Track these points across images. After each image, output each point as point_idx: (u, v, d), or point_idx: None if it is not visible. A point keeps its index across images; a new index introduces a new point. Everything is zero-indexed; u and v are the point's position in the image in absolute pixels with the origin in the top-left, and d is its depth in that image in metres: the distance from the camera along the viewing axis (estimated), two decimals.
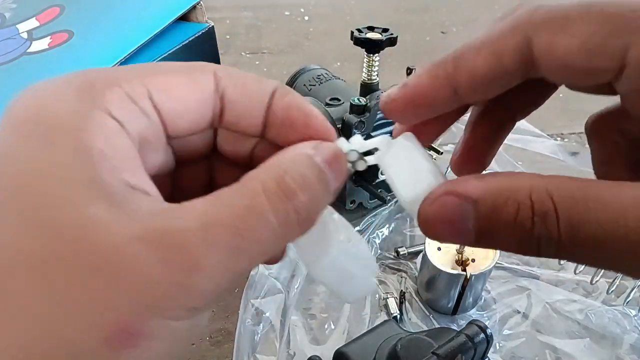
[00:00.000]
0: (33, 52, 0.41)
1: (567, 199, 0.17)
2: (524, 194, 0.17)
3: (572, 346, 0.43)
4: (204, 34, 0.47)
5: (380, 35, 0.50)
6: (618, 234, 0.16)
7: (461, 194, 0.18)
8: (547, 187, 0.17)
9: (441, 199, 0.18)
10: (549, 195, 0.17)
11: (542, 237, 0.17)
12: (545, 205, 0.17)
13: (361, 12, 0.96)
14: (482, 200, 0.17)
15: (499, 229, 0.17)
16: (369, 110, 0.48)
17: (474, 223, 0.18)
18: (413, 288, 0.48)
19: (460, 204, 0.18)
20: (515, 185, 0.17)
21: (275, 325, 0.44)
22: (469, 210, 0.18)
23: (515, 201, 0.17)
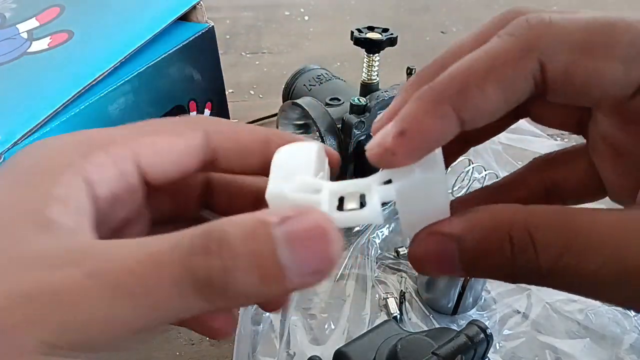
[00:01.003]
0: (33, 52, 0.41)
1: (545, 232, 0.17)
2: (504, 230, 0.17)
3: (572, 346, 0.43)
4: (204, 34, 0.47)
5: (380, 35, 0.50)
6: (600, 263, 0.16)
7: (444, 233, 0.18)
8: (526, 221, 0.17)
9: (426, 240, 0.19)
10: (527, 229, 0.17)
11: (524, 269, 0.17)
12: (524, 240, 0.17)
13: (361, 12, 0.96)
14: (464, 237, 0.18)
15: (484, 263, 0.18)
16: (369, 110, 0.48)
17: (459, 259, 0.18)
18: (413, 288, 0.48)
19: (444, 243, 0.18)
20: (496, 220, 0.18)
21: (275, 325, 0.44)
22: (454, 248, 0.18)
23: (496, 237, 0.17)
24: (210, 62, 0.50)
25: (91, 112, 0.39)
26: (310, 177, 0.20)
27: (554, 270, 0.17)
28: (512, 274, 0.18)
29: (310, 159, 0.21)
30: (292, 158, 0.21)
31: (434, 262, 0.19)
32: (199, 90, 0.49)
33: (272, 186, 0.19)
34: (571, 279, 0.17)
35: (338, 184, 0.20)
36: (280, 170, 0.20)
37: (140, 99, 0.43)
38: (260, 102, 0.71)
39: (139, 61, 0.42)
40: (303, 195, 0.19)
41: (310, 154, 0.21)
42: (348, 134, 0.49)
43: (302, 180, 0.19)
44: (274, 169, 0.20)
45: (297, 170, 0.20)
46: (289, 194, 0.19)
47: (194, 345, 0.44)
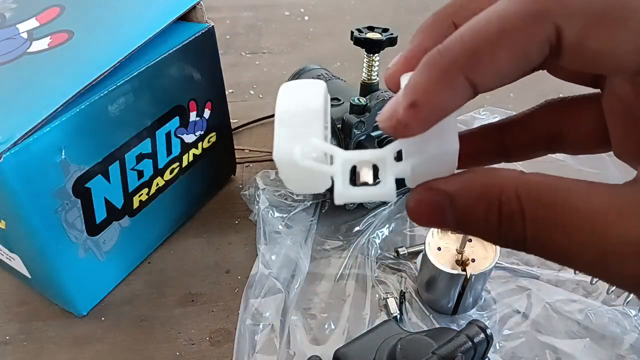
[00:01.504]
0: (33, 52, 0.41)
1: (535, 202, 0.17)
2: (494, 193, 0.18)
3: (572, 346, 0.43)
4: (204, 34, 0.47)
5: (381, 35, 0.50)
6: (583, 242, 0.16)
7: (438, 189, 0.19)
8: (517, 188, 0.17)
9: (422, 193, 0.19)
10: (517, 196, 0.17)
11: (509, 235, 0.18)
12: (512, 207, 0.17)
13: (361, 12, 0.96)
14: (457, 195, 0.18)
15: (473, 223, 0.18)
16: (369, 110, 0.48)
17: (452, 215, 0.19)
18: (413, 288, 0.48)
19: (437, 198, 0.19)
20: (488, 183, 0.18)
21: (275, 325, 0.44)
22: (446, 204, 0.19)
23: (485, 200, 0.18)
24: (210, 62, 0.50)
25: (91, 112, 0.39)
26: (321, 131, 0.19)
27: (539, 242, 0.17)
28: (497, 239, 0.18)
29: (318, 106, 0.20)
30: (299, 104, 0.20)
31: (427, 213, 0.19)
32: (199, 90, 0.49)
33: (280, 147, 0.19)
34: (554, 252, 0.17)
35: (352, 153, 0.19)
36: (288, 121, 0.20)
37: (140, 98, 0.43)
38: (260, 102, 0.71)
39: (139, 61, 0.42)
40: (316, 165, 0.19)
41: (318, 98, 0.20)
42: (348, 134, 0.48)
43: (314, 144, 0.19)
44: (280, 116, 0.20)
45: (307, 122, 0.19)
46: (300, 162, 0.19)
47: (194, 345, 0.44)
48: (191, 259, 0.51)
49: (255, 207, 0.54)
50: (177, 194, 0.51)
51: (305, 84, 0.21)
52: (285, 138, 0.19)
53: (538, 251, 0.18)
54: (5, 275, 0.49)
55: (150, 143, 0.45)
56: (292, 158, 0.19)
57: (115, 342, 0.44)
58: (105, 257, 0.45)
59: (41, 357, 0.43)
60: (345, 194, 0.19)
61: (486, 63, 0.17)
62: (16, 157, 0.34)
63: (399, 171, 0.19)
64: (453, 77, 0.17)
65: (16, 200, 0.36)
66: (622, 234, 0.16)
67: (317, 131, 0.19)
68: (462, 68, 0.17)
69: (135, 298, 0.48)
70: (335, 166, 0.19)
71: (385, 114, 0.18)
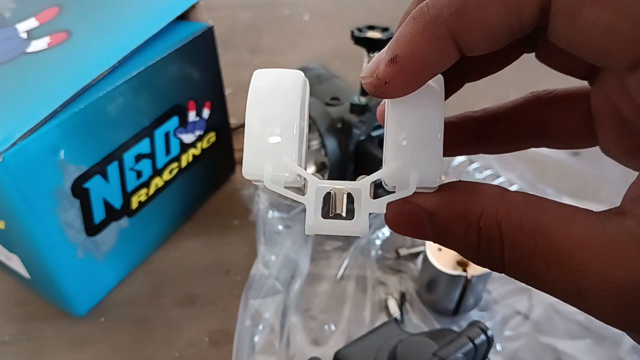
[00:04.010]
0: (32, 52, 0.41)
1: (514, 229, 0.16)
2: (474, 216, 0.17)
3: (573, 347, 0.43)
4: (203, 33, 0.47)
5: (381, 35, 0.50)
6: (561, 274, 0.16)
7: (418, 205, 0.18)
8: (497, 213, 0.17)
9: (402, 205, 0.19)
10: (497, 222, 0.17)
11: (487, 258, 0.17)
12: (491, 232, 0.17)
13: (361, 11, 0.96)
14: (436, 212, 0.18)
15: (451, 240, 0.18)
16: (369, 110, 0.48)
17: (430, 230, 0.18)
18: (414, 289, 0.47)
19: (417, 213, 0.18)
20: (469, 203, 0.17)
21: (275, 326, 0.44)
22: (426, 220, 0.18)
23: (465, 221, 0.17)
24: (209, 62, 0.49)
25: (90, 112, 0.39)
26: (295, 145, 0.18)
27: (517, 268, 0.17)
28: (475, 259, 0.18)
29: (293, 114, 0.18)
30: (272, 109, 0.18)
31: (405, 224, 0.19)
32: (198, 90, 0.49)
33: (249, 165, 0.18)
34: (531, 279, 0.17)
35: (325, 182, 0.19)
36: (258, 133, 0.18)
37: (139, 98, 0.43)
38: None
39: (138, 61, 0.42)
40: (287, 192, 0.18)
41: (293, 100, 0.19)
42: (348, 134, 0.48)
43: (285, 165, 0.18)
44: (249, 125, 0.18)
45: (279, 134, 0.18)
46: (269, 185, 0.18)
47: (193, 346, 0.44)
48: (190, 260, 0.51)
49: (255, 207, 0.54)
50: (176, 194, 0.51)
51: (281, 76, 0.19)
52: (254, 154, 0.18)
53: (516, 276, 0.17)
54: (4, 275, 0.49)
55: (149, 143, 0.45)
56: (261, 179, 0.18)
57: (114, 342, 0.44)
58: (104, 257, 0.45)
59: (40, 357, 0.43)
60: (315, 226, 0.18)
61: (474, 16, 0.16)
62: (15, 158, 0.34)
63: (374, 207, 0.19)
64: (437, 29, 0.16)
65: (15, 201, 0.36)
66: (600, 273, 0.15)
67: (290, 145, 0.18)
68: (447, 19, 0.16)
69: (134, 299, 0.48)
70: (308, 194, 0.18)
71: (366, 70, 0.17)
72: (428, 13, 0.16)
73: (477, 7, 0.16)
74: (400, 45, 0.16)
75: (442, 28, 0.16)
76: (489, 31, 0.16)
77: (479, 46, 0.16)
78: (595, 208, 0.17)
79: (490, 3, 0.15)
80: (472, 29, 0.16)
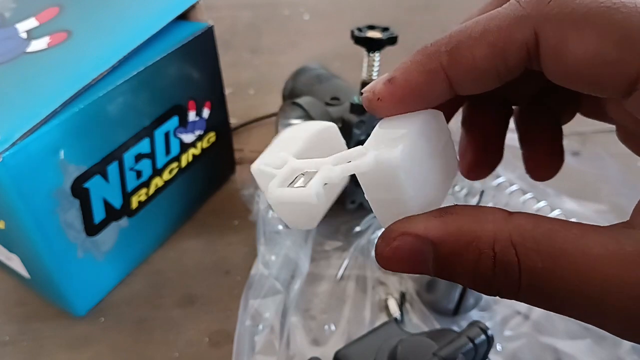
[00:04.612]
0: (32, 52, 0.41)
1: (531, 252, 0.16)
2: (487, 242, 0.16)
3: (573, 347, 0.43)
4: (203, 33, 0.47)
5: (381, 34, 0.50)
6: (580, 293, 0.16)
7: (420, 236, 0.17)
8: (511, 236, 0.16)
9: (399, 240, 0.17)
10: (512, 246, 0.16)
11: (502, 285, 0.17)
12: (508, 257, 0.16)
13: (361, 11, 0.96)
14: (442, 244, 0.17)
15: (458, 272, 0.17)
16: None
17: (432, 263, 0.17)
18: (414, 289, 0.47)
19: (419, 246, 0.17)
20: (478, 230, 0.16)
21: (275, 326, 0.44)
22: (428, 252, 0.17)
23: (476, 249, 0.16)
24: (209, 62, 0.49)
25: (90, 112, 0.39)
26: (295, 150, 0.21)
27: (533, 292, 0.16)
28: (488, 289, 0.17)
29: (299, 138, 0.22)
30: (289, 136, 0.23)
31: (404, 262, 0.18)
32: (198, 90, 0.49)
33: (256, 162, 0.22)
34: (548, 302, 0.16)
35: (301, 161, 0.20)
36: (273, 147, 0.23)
37: (139, 98, 0.43)
38: (259, 102, 0.71)
39: (138, 60, 0.42)
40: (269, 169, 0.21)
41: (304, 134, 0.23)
42: (348, 133, 0.48)
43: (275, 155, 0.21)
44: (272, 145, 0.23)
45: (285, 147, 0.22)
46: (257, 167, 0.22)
47: (193, 346, 0.44)
48: (190, 260, 0.51)
49: (255, 207, 0.54)
50: (176, 194, 0.51)
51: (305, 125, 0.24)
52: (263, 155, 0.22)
53: (531, 300, 0.17)
54: (4, 275, 0.49)
55: (149, 143, 0.45)
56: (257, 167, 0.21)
57: (113, 343, 0.44)
58: (104, 257, 0.45)
59: (40, 357, 0.43)
60: (272, 192, 0.19)
61: (464, 55, 0.17)
62: (15, 158, 0.34)
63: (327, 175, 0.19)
64: (430, 62, 0.18)
65: (15, 201, 0.36)
66: (624, 289, 0.15)
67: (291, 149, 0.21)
68: (441, 55, 0.18)
69: (134, 299, 0.48)
70: (281, 170, 0.20)
71: (368, 86, 0.20)
72: (429, 48, 0.18)
73: (467, 49, 0.17)
74: (399, 70, 0.19)
75: (436, 63, 0.18)
76: (476, 72, 0.17)
77: (467, 85, 0.18)
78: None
79: (479, 46, 0.17)
80: (461, 68, 0.17)
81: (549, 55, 0.16)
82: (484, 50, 0.17)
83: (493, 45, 0.17)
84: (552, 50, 0.16)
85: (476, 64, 0.17)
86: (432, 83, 0.18)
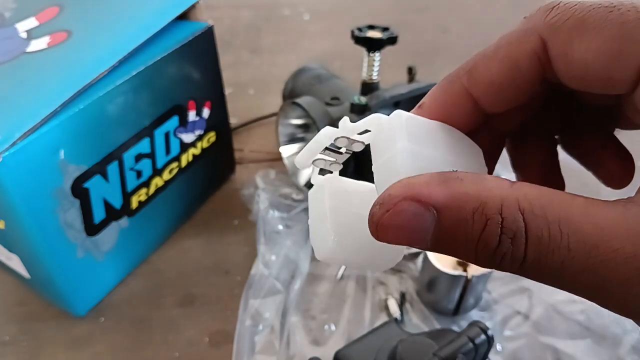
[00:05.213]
0: (32, 52, 0.41)
1: (540, 219, 0.15)
2: (494, 207, 0.15)
3: (573, 347, 0.43)
4: (203, 33, 0.47)
5: (381, 34, 0.50)
6: (585, 265, 0.15)
7: (424, 201, 0.16)
8: (519, 202, 0.15)
9: (400, 205, 0.16)
10: (520, 212, 0.15)
11: (506, 255, 0.16)
12: (516, 224, 0.15)
13: (361, 11, 0.96)
14: (447, 209, 0.16)
15: (460, 241, 0.16)
16: (369, 110, 0.48)
17: (432, 233, 0.16)
18: (413, 289, 0.47)
19: (421, 212, 0.16)
20: (485, 195, 0.16)
21: (275, 326, 0.44)
22: (431, 220, 0.16)
23: (482, 214, 0.15)
24: (209, 61, 0.49)
25: (90, 112, 0.39)
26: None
27: (538, 263, 0.15)
28: (489, 259, 0.16)
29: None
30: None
31: (403, 230, 0.16)
32: (198, 90, 0.49)
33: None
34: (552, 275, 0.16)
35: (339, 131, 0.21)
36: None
37: (139, 98, 0.43)
38: (259, 102, 0.71)
39: (138, 60, 0.42)
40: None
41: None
42: None
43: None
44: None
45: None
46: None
47: (193, 346, 0.44)
48: (190, 260, 0.51)
49: (255, 207, 0.54)
50: (176, 194, 0.51)
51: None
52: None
53: (534, 273, 0.16)
54: (4, 275, 0.49)
55: (149, 143, 0.45)
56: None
57: (113, 343, 0.44)
58: (104, 257, 0.45)
59: (40, 357, 0.43)
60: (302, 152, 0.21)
61: (481, 72, 0.19)
62: (15, 157, 0.34)
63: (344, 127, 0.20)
64: (453, 85, 0.19)
65: (15, 201, 0.36)
66: (628, 260, 0.15)
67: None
68: (461, 77, 0.19)
69: (134, 299, 0.48)
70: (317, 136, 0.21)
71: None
72: (451, 73, 0.20)
73: (484, 66, 0.19)
74: (427, 96, 0.20)
75: (457, 84, 0.19)
76: (495, 85, 0.19)
77: (491, 101, 0.19)
78: None
79: (493, 62, 0.18)
80: (481, 84, 0.19)
81: (559, 60, 0.17)
82: (498, 65, 0.18)
83: (506, 59, 0.18)
84: (560, 55, 0.17)
85: (493, 79, 0.18)
86: (457, 103, 0.19)
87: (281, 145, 0.56)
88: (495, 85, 0.19)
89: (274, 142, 0.56)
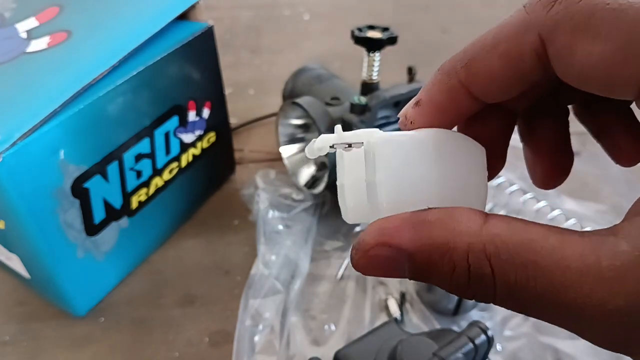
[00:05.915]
0: (32, 52, 0.41)
1: (506, 264, 0.16)
2: (461, 254, 0.16)
3: (573, 347, 0.43)
4: (203, 33, 0.47)
5: (381, 34, 0.50)
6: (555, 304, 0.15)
7: (395, 246, 0.17)
8: (485, 248, 0.16)
9: (373, 251, 0.18)
10: (487, 258, 0.16)
11: (478, 293, 0.17)
12: (482, 269, 0.16)
13: (361, 11, 0.96)
14: (418, 253, 0.17)
15: (434, 278, 0.17)
16: (369, 110, 0.48)
17: (408, 271, 0.17)
18: (414, 289, 0.47)
19: (394, 257, 0.17)
20: (452, 241, 0.16)
21: (275, 326, 0.44)
22: (404, 261, 0.17)
23: (451, 260, 0.16)
24: (209, 62, 0.49)
25: (90, 112, 0.39)
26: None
27: (508, 300, 0.16)
28: (464, 294, 0.17)
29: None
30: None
31: (382, 270, 0.18)
32: (198, 90, 0.49)
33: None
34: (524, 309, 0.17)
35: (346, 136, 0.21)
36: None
37: (139, 98, 0.43)
38: (259, 102, 0.71)
39: (138, 60, 0.42)
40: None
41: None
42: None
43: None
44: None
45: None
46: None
47: (193, 346, 0.44)
48: (190, 260, 0.51)
49: (255, 207, 0.54)
50: (176, 194, 0.51)
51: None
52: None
53: (507, 307, 0.17)
54: (4, 275, 0.49)
55: (149, 143, 0.45)
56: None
57: (113, 343, 0.44)
58: (104, 257, 0.45)
59: (40, 357, 0.43)
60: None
61: (480, 69, 0.18)
62: (15, 157, 0.34)
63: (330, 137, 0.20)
64: (449, 80, 0.19)
65: (15, 201, 0.36)
66: (598, 304, 0.15)
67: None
68: (458, 72, 0.18)
69: (134, 299, 0.48)
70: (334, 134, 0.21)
71: (401, 112, 0.21)
72: (446, 65, 0.19)
73: (482, 62, 0.18)
74: (422, 92, 0.20)
75: (454, 80, 0.19)
76: (495, 82, 0.18)
77: (491, 95, 0.19)
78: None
79: (492, 58, 0.18)
80: (479, 81, 0.18)
81: (557, 60, 0.17)
82: (498, 61, 0.18)
83: (505, 55, 0.18)
84: (559, 55, 0.17)
85: (493, 75, 0.18)
86: (454, 100, 0.19)
87: (281, 145, 0.56)
88: (496, 80, 0.18)
89: (274, 142, 0.56)
